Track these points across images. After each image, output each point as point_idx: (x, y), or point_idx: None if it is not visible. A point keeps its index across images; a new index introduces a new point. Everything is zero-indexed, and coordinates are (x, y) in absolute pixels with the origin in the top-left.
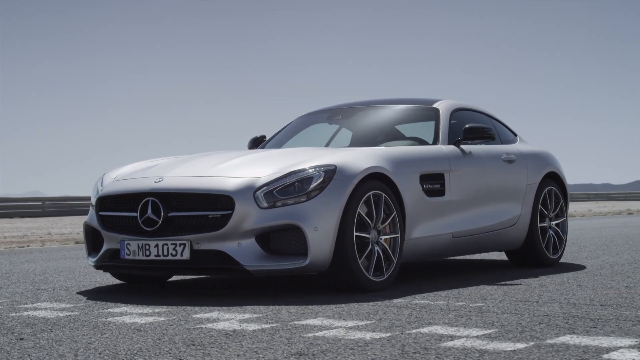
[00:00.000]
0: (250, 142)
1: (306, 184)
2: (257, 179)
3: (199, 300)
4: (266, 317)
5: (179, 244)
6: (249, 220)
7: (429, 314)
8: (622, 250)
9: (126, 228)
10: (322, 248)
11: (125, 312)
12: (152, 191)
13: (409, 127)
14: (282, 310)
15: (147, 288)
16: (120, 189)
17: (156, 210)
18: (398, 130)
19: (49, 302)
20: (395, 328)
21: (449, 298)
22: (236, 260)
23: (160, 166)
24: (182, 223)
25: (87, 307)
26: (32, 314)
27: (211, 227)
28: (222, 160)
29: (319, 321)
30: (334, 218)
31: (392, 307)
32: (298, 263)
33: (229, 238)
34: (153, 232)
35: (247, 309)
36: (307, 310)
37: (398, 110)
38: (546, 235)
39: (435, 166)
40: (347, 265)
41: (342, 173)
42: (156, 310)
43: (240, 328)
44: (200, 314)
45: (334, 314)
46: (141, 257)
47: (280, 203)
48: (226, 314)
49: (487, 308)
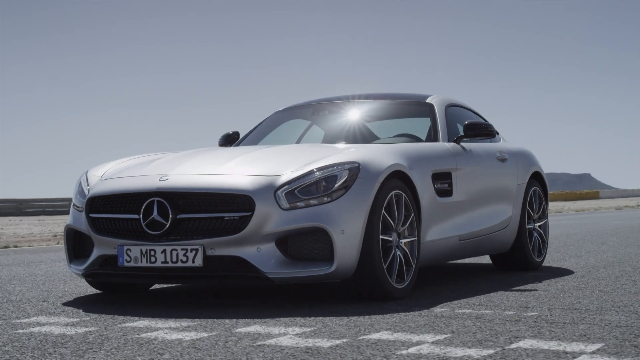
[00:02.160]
0: (222, 138)
1: (330, 182)
2: (277, 177)
3: (219, 311)
4: (329, 331)
5: (190, 250)
6: (270, 223)
7: (500, 325)
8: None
9: (125, 232)
10: (348, 253)
11: (152, 327)
12: (157, 190)
13: (393, 123)
14: (337, 322)
15: (137, 297)
16: (117, 188)
17: (163, 212)
18: (368, 128)
19: (46, 316)
20: (488, 343)
21: (486, 306)
22: (256, 267)
23: (159, 163)
24: (194, 226)
25: (100, 322)
26: (42, 330)
27: (227, 230)
28: (230, 156)
29: (390, 335)
30: (360, 220)
31: (449, 319)
32: (323, 269)
33: (247, 242)
34: (159, 236)
35: (295, 321)
36: (361, 321)
37: (388, 105)
38: (532, 238)
39: (444, 164)
40: (373, 272)
41: (366, 171)
42: (184, 324)
43: (312, 344)
44: (242, 327)
45: (394, 326)
46: (145, 264)
47: (302, 203)
48: (275, 328)
49: (552, 318)
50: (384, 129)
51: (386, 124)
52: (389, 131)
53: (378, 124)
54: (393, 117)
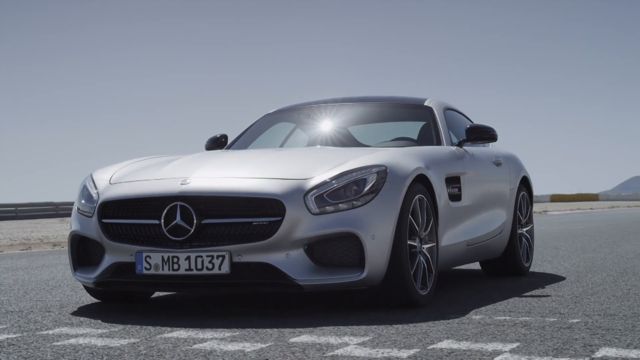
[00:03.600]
0: (209, 141)
1: (360, 186)
2: (306, 180)
3: (250, 320)
4: (390, 340)
5: (216, 256)
6: (300, 228)
7: (558, 332)
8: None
9: (144, 238)
10: (379, 259)
11: (197, 338)
12: (180, 195)
13: (386, 126)
14: (387, 330)
15: (142, 307)
16: (133, 192)
17: (186, 217)
18: (350, 133)
19: (67, 327)
20: (569, 351)
21: (517, 312)
22: (286, 274)
23: (174, 166)
24: (219, 232)
25: (134, 332)
26: (81, 342)
27: (256, 236)
28: (249, 159)
29: (457, 344)
30: (390, 225)
31: (500, 326)
32: (354, 276)
33: (276, 248)
34: (182, 243)
35: (341, 329)
36: (414, 330)
37: (385, 108)
38: (522, 243)
39: (454, 168)
40: (401, 278)
41: (393, 174)
42: (228, 334)
43: (388, 355)
44: (294, 337)
45: (452, 334)
46: (167, 272)
47: (332, 208)
48: (329, 337)
49: (600, 324)
50: (374, 133)
51: (377, 127)
52: (382, 134)
53: (370, 127)
54: (389, 120)
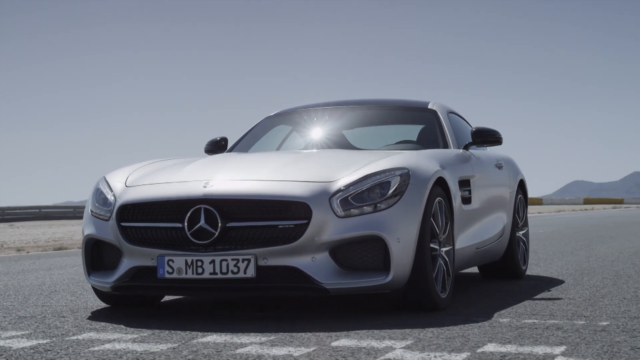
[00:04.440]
0: (209, 144)
1: (384, 189)
2: (331, 183)
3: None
4: (434, 344)
5: (241, 260)
6: (326, 231)
7: (598, 335)
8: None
9: (166, 241)
10: (403, 262)
11: (235, 343)
12: (204, 197)
13: (388, 129)
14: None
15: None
16: (154, 195)
17: (210, 220)
18: (344, 137)
19: (94, 332)
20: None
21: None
22: (312, 278)
23: (192, 168)
24: (244, 235)
25: (167, 337)
26: (118, 347)
27: (282, 239)
28: (268, 161)
29: (504, 347)
30: (414, 228)
31: (534, 329)
32: (379, 280)
33: (302, 252)
34: (206, 246)
35: (377, 333)
36: (450, 333)
37: (389, 111)
38: (519, 246)
39: (465, 171)
40: (424, 282)
41: (416, 177)
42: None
43: (442, 359)
44: (335, 341)
45: (492, 338)
46: (190, 276)
47: (356, 211)
48: (373, 341)
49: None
50: (373, 136)
51: (375, 130)
52: (382, 137)
53: (370, 130)
54: (393, 123)
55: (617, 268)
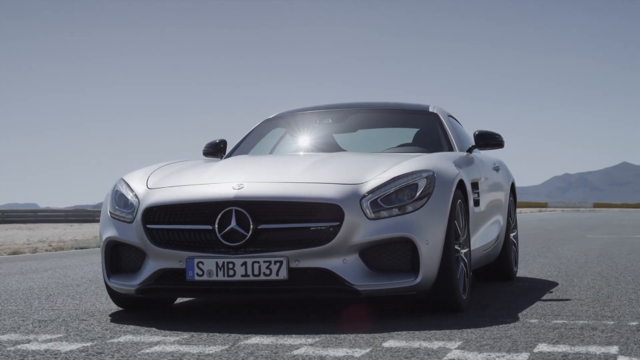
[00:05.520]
0: (208, 146)
1: (412, 191)
2: (361, 185)
3: (316, 325)
4: (487, 344)
5: (274, 262)
6: (357, 233)
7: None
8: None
9: (195, 244)
10: (432, 264)
11: (288, 344)
12: (235, 200)
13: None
14: (470, 334)
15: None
16: (183, 197)
17: (241, 222)
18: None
19: (136, 335)
20: None
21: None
22: (344, 279)
23: (216, 171)
24: (276, 237)
25: (210, 339)
26: (167, 349)
27: (314, 241)
28: (292, 163)
29: (555, 347)
30: (441, 230)
31: (570, 330)
32: (408, 281)
33: (334, 254)
34: (236, 248)
35: (421, 334)
36: (491, 334)
37: (391, 114)
38: (511, 248)
39: (475, 174)
40: (450, 283)
41: (440, 179)
42: (311, 341)
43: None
44: (386, 341)
45: (537, 339)
46: (221, 278)
47: (385, 213)
48: (445, 342)
49: None
50: (376, 139)
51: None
52: (384, 141)
53: (372, 133)
54: (394, 126)
55: (597, 269)
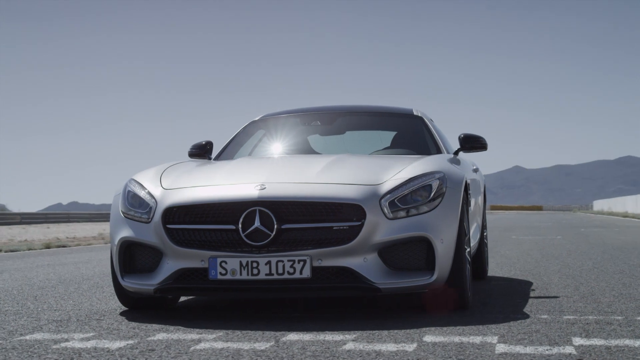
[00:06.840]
0: (194, 147)
1: (427, 191)
2: (380, 185)
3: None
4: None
5: (297, 261)
6: (378, 233)
7: None
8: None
9: (218, 243)
10: (446, 263)
11: (331, 340)
12: (259, 200)
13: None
14: (495, 331)
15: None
16: (205, 197)
17: (265, 222)
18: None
19: (168, 333)
20: None
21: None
22: (366, 278)
23: (231, 171)
24: (299, 236)
25: (246, 336)
26: (213, 346)
27: (337, 240)
28: (311, 163)
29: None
30: (454, 229)
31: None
32: (424, 279)
33: (355, 253)
34: (260, 248)
35: (478, 328)
36: (514, 329)
37: (376, 117)
38: (484, 247)
39: (468, 176)
40: (461, 281)
41: (451, 181)
42: (349, 337)
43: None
44: (431, 337)
45: (566, 333)
46: (245, 277)
47: (403, 213)
48: (484, 337)
49: None
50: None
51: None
52: (368, 143)
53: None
54: (379, 129)
55: (554, 268)
